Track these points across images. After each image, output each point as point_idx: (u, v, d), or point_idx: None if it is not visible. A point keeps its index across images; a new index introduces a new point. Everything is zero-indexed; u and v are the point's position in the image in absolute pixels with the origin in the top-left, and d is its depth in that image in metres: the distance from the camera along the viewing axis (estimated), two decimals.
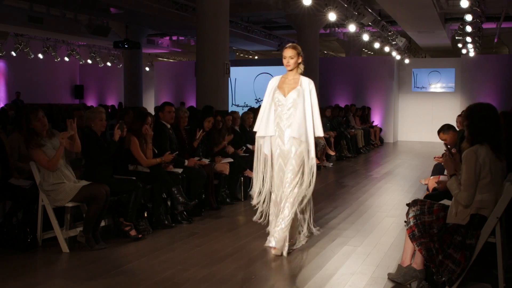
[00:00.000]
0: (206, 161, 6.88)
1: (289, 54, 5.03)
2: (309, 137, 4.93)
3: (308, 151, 4.94)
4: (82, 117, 6.21)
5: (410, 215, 3.94)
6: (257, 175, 5.10)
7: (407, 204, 6.08)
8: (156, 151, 6.16)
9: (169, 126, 6.58)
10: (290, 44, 5.18)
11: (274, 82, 5.12)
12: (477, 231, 3.69)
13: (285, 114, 4.97)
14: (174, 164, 6.28)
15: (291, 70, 5.06)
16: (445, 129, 6.14)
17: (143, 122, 5.88)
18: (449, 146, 4.37)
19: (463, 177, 3.74)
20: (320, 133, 5.02)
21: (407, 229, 3.93)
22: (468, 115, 3.86)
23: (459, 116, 7.44)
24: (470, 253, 3.66)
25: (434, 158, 6.91)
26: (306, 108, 4.95)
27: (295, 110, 4.94)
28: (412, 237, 3.87)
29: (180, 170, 6.19)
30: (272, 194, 5.03)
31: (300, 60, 5.08)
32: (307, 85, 5.02)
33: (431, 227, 3.80)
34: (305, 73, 5.23)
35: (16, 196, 5.21)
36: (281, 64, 5.21)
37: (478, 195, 3.70)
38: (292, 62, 5.01)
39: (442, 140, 6.10)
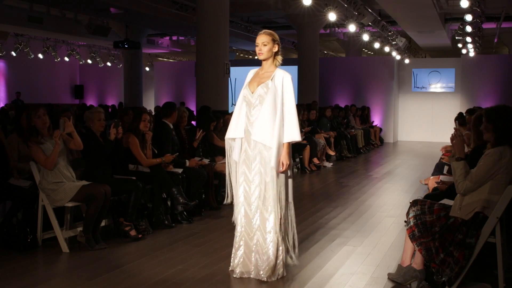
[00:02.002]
0: (206, 161, 6.88)
1: (261, 40, 4.20)
2: (274, 142, 4.10)
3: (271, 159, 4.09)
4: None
5: (410, 215, 3.94)
6: (228, 183, 4.38)
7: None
8: (156, 151, 6.17)
9: (171, 126, 6.60)
10: (264, 30, 4.35)
11: (249, 75, 4.36)
12: (477, 230, 3.69)
13: (252, 113, 4.21)
14: (174, 164, 6.28)
15: (265, 60, 4.25)
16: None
17: (140, 120, 5.89)
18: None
19: (476, 170, 3.73)
20: (294, 137, 4.14)
21: (407, 229, 3.93)
22: (492, 118, 3.81)
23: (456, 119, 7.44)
24: (469, 252, 3.66)
25: (442, 149, 7.13)
26: (277, 107, 4.13)
27: (260, 108, 4.16)
28: (412, 237, 3.87)
29: (180, 170, 6.19)
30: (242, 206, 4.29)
31: (276, 49, 4.25)
32: (280, 79, 4.17)
33: (432, 225, 3.80)
34: (305, 73, 5.13)
35: (16, 196, 5.21)
36: (282, 64, 4.41)
37: (487, 194, 3.70)
38: (265, 49, 4.20)
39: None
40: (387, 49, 17.29)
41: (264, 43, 4.21)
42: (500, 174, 3.67)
